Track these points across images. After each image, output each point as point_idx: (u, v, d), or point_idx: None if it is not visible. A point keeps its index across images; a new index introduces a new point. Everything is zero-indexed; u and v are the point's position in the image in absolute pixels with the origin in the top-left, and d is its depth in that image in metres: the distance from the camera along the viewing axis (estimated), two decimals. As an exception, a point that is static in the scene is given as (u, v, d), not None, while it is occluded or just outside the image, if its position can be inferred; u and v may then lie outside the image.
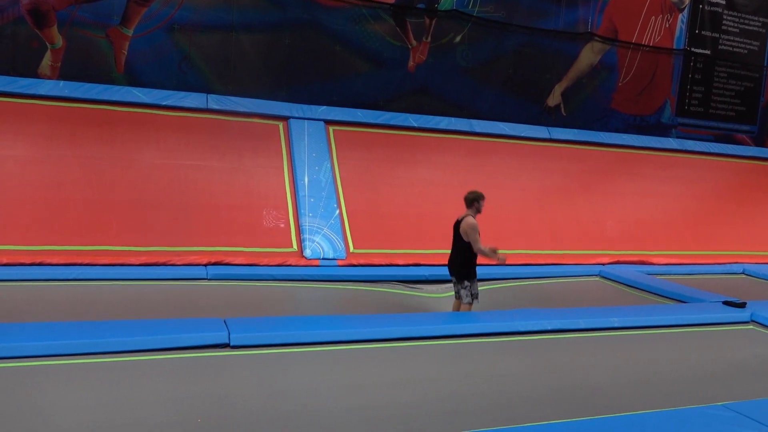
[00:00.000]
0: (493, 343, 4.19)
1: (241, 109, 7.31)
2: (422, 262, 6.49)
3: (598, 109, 9.57)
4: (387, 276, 6.09)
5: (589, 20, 9.32)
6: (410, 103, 8.36)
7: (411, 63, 8.45)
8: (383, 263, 6.38)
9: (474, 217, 4.66)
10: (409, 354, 3.89)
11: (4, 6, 6.73)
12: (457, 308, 4.84)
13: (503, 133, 8.48)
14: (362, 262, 6.34)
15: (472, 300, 4.71)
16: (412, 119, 8.04)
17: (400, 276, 6.14)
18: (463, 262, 4.69)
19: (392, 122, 7.91)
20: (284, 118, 7.48)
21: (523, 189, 7.96)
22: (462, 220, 4.67)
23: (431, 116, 8.21)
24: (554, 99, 9.32)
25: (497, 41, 8.80)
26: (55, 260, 5.40)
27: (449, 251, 4.81)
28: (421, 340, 4.09)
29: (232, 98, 7.37)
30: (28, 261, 5.33)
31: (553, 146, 8.68)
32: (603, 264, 7.35)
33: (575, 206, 8.08)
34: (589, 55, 9.40)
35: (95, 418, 2.75)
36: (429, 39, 8.48)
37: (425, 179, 7.52)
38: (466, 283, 4.70)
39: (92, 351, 3.43)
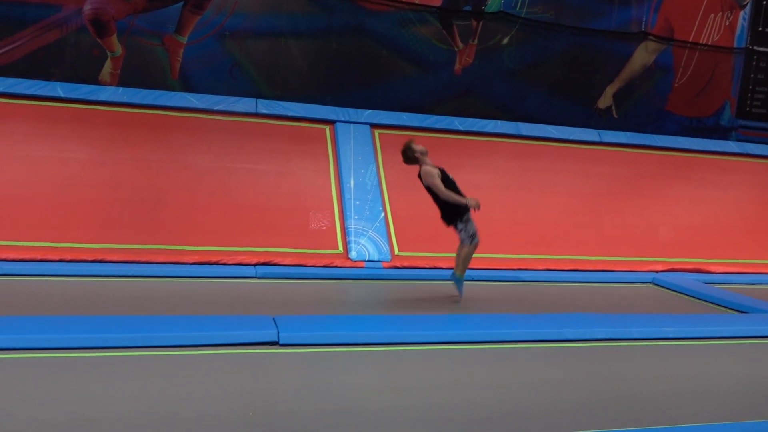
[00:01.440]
0: (541, 348, 4.11)
1: (289, 114, 7.47)
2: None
3: (652, 112, 9.26)
4: (431, 278, 6.09)
5: (643, 19, 9.04)
6: (456, 107, 8.32)
7: (457, 66, 8.41)
8: (427, 266, 6.37)
9: (428, 165, 4.87)
10: (455, 357, 3.87)
11: (68, 17, 7.12)
12: (459, 251, 5.07)
13: (551, 136, 8.32)
14: (407, 264, 6.35)
15: (471, 241, 4.94)
16: (458, 122, 8.00)
17: (443, 278, 6.12)
18: (444, 210, 4.94)
19: (438, 126, 7.90)
20: (331, 122, 7.59)
21: (572, 193, 7.78)
22: (419, 174, 4.89)
23: (477, 119, 8.14)
24: (605, 101, 9.08)
25: (546, 42, 8.65)
26: (114, 258, 5.67)
27: (492, 255, 4.86)
28: (467, 344, 4.07)
29: (281, 103, 7.53)
30: (89, 258, 5.61)
31: (603, 149, 8.45)
32: (657, 271, 7.10)
33: (627, 211, 7.82)
34: (642, 55, 9.11)
35: (149, 409, 2.87)
36: (476, 41, 8.43)
37: (470, 182, 7.39)
38: (460, 225, 4.95)
39: (147, 344, 3.58)
